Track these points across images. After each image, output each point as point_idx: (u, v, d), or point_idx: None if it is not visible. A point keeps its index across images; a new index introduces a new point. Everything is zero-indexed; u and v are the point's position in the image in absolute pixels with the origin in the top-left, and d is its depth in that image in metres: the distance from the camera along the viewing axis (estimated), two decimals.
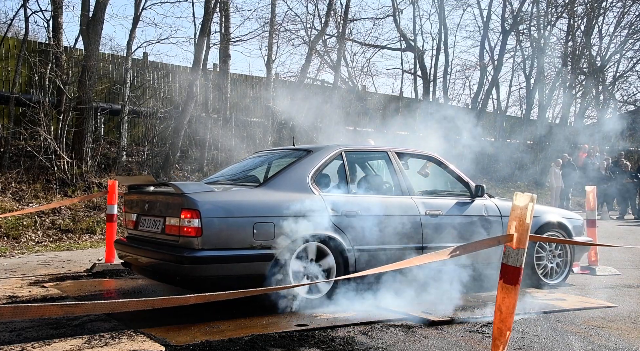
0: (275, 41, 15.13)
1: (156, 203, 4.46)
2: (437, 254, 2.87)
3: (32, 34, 12.83)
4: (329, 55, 16.76)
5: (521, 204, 2.74)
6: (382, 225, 4.63)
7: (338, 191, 4.76)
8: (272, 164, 5.16)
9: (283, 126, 14.03)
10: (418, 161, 5.84)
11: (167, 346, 3.35)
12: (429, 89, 19.03)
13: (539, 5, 20.22)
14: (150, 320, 3.88)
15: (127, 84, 12.21)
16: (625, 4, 21.10)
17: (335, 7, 16.25)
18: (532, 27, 20.70)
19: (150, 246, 4.35)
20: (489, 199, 5.42)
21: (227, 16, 13.83)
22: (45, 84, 11.17)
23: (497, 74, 20.33)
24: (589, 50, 21.18)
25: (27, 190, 9.65)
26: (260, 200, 4.27)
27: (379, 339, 3.59)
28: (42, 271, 6.13)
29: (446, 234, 4.94)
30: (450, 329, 3.87)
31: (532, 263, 5.36)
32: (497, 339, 2.78)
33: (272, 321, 3.95)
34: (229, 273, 4.04)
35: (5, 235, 8.42)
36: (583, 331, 3.88)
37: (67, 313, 2.11)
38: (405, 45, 19.00)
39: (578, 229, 5.84)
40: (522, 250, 2.74)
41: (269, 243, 4.15)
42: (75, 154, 10.56)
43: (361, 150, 5.47)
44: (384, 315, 4.12)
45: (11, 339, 3.52)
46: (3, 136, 10.46)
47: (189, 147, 13.14)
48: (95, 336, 3.55)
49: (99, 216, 9.54)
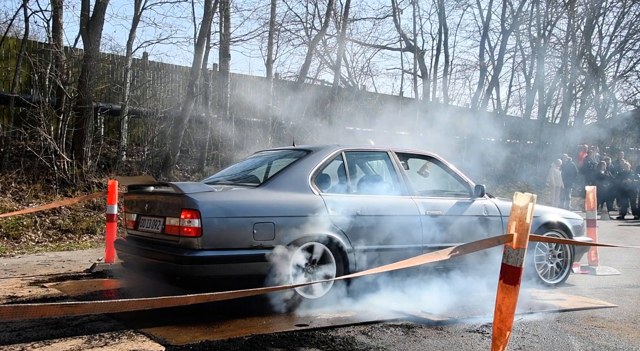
0: (275, 41, 15.14)
1: (156, 203, 4.46)
2: (437, 254, 2.87)
3: (32, 34, 12.84)
4: (329, 55, 16.75)
5: (521, 204, 2.74)
6: (382, 225, 4.62)
7: (338, 191, 4.76)
8: (272, 164, 5.16)
9: (283, 126, 14.03)
10: (418, 161, 5.84)
11: (167, 346, 3.35)
12: (429, 89, 19.02)
13: (539, 5, 20.23)
14: (150, 320, 3.88)
15: (127, 84, 12.21)
16: (625, 4, 21.11)
17: (335, 7, 16.25)
18: (532, 27, 20.71)
19: (150, 246, 4.35)
20: (489, 199, 5.42)
21: (227, 16, 13.82)
22: (45, 84, 11.16)
23: (497, 74, 20.33)
24: (589, 51, 21.18)
25: (27, 190, 9.65)
26: (260, 200, 4.27)
27: (379, 339, 3.59)
28: (42, 271, 6.13)
29: (446, 234, 4.94)
30: (450, 329, 3.87)
31: (532, 263, 5.36)
32: (497, 339, 2.78)
33: (272, 321, 3.95)
34: (229, 273, 4.04)
35: (5, 235, 8.42)
36: (583, 331, 3.88)
37: (67, 313, 2.12)
38: (405, 45, 18.99)
39: (578, 229, 5.84)
40: (522, 250, 2.74)
41: (269, 243, 4.15)
42: (75, 154, 10.56)
43: (361, 150, 5.47)
44: (384, 315, 4.12)
45: (11, 339, 3.52)
46: (3, 136, 10.46)
47: (189, 147, 13.14)
48: (95, 336, 3.55)
49: (99, 216, 9.54)
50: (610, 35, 21.85)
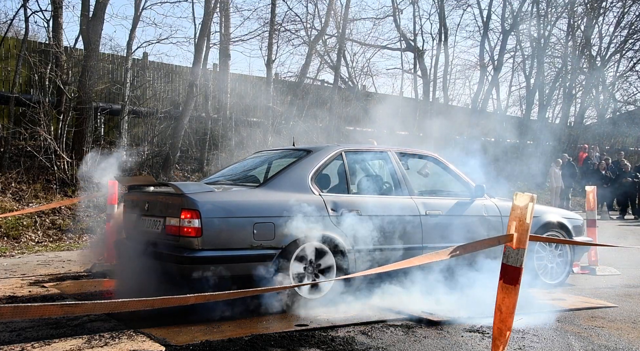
0: (275, 41, 15.12)
1: (156, 203, 4.45)
2: (437, 254, 2.87)
3: (32, 34, 12.83)
4: (329, 55, 16.74)
5: (521, 204, 2.74)
6: (382, 225, 4.62)
7: (338, 191, 4.76)
8: (272, 164, 5.16)
9: (283, 126, 14.03)
10: (418, 161, 5.84)
11: (167, 346, 3.35)
12: (429, 89, 19.02)
13: (539, 5, 20.22)
14: (150, 320, 3.88)
15: (127, 84, 12.20)
16: (625, 4, 21.10)
17: (335, 7, 16.24)
18: (532, 27, 20.70)
19: (150, 247, 4.35)
20: (489, 199, 5.42)
21: (227, 16, 13.82)
22: (45, 84, 11.16)
23: (497, 74, 20.32)
24: (589, 51, 21.17)
25: (27, 190, 9.65)
26: (260, 200, 4.27)
27: (379, 339, 3.59)
28: (42, 271, 6.13)
29: (446, 234, 4.94)
30: (450, 329, 3.86)
31: (532, 263, 5.36)
32: (497, 339, 2.78)
33: (272, 321, 3.95)
34: (229, 273, 4.04)
35: (5, 235, 8.43)
36: (583, 331, 3.88)
37: (67, 313, 2.12)
38: (405, 45, 18.98)
39: (578, 229, 5.84)
40: (522, 250, 2.74)
41: (269, 243, 4.15)
42: (75, 154, 10.55)
43: (361, 150, 5.46)
44: (384, 315, 4.12)
45: (11, 339, 3.52)
46: (3, 136, 10.46)
47: (189, 147, 13.14)
48: (95, 336, 3.55)
49: (99, 216, 9.54)
50: (610, 35, 21.85)
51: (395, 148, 5.29)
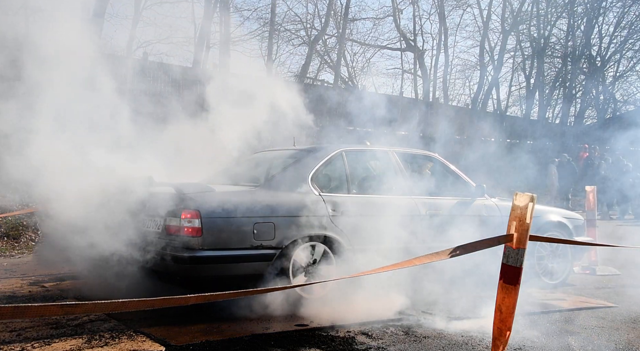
0: (275, 41, 15.15)
1: (156, 203, 4.45)
2: (437, 254, 2.87)
3: None
4: (329, 55, 16.75)
5: (521, 204, 2.74)
6: (382, 225, 4.62)
7: (338, 191, 4.75)
8: (272, 164, 5.15)
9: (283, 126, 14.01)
10: (418, 161, 5.83)
11: (167, 346, 3.35)
12: (429, 89, 19.03)
13: (539, 5, 20.23)
14: (150, 320, 3.88)
15: None
16: (625, 4, 21.10)
17: (335, 7, 16.25)
18: (532, 27, 20.70)
19: (150, 247, 4.34)
20: (489, 199, 5.42)
21: (227, 16, 13.83)
22: None
23: (497, 74, 20.34)
24: (589, 51, 21.18)
25: None
26: (260, 200, 4.26)
27: (379, 339, 3.59)
28: (42, 271, 6.12)
29: (446, 234, 4.93)
30: (450, 329, 3.86)
31: (533, 262, 5.36)
32: (497, 339, 2.78)
33: (272, 321, 3.95)
34: (229, 273, 4.04)
35: (5, 235, 8.42)
36: (583, 331, 3.88)
37: (67, 313, 2.12)
38: (405, 45, 18.99)
39: (578, 229, 5.83)
40: (522, 250, 2.74)
41: (269, 243, 4.15)
42: None
43: (361, 150, 5.46)
44: (384, 315, 4.12)
45: (11, 339, 3.52)
46: None
47: None
48: (95, 336, 3.55)
49: None
50: (610, 35, 21.85)
51: (396, 148, 5.29)
